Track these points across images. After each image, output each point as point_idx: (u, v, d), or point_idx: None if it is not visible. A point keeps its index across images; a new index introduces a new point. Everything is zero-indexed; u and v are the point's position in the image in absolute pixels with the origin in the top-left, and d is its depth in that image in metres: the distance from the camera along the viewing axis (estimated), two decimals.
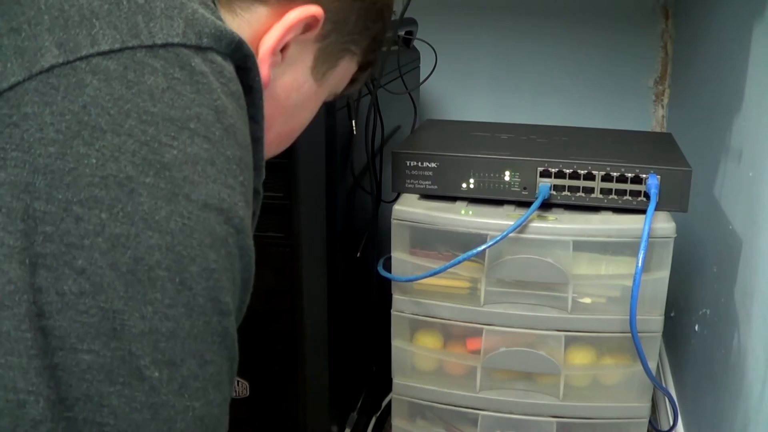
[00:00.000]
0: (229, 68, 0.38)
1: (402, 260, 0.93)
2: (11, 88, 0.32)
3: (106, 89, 0.33)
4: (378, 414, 1.13)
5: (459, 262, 0.88)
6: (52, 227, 0.32)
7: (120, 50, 0.34)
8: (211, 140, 0.36)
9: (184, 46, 0.36)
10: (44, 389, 0.31)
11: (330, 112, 0.89)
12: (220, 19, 0.40)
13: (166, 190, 0.34)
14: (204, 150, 0.35)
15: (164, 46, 0.35)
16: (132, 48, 0.34)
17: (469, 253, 0.87)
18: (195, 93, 0.35)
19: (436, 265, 0.91)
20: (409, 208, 0.93)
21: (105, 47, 0.33)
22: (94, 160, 0.32)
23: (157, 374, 0.33)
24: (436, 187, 0.95)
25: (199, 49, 0.36)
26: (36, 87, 0.32)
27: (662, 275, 0.88)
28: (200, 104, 0.36)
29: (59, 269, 0.32)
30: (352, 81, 0.59)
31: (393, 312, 0.96)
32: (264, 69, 0.46)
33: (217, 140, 0.36)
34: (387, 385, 1.00)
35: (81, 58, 0.33)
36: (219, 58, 0.37)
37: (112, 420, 0.32)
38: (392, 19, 0.62)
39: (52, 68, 0.33)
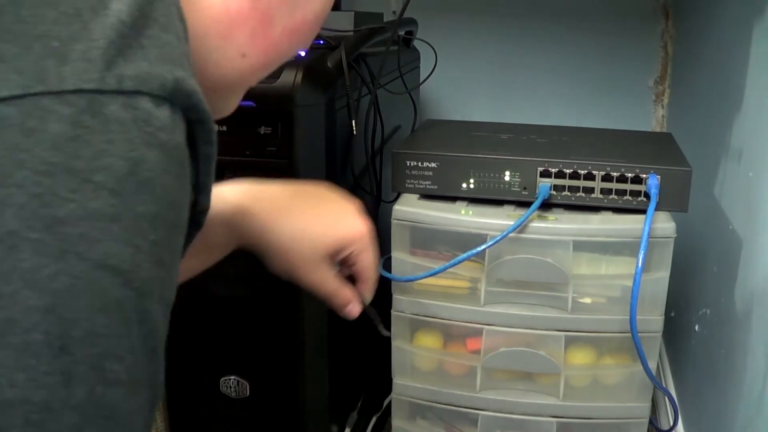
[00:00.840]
0: (160, 114, 0.34)
1: (402, 260, 0.93)
2: None
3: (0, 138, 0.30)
4: (378, 414, 1.13)
5: (459, 262, 0.88)
6: None
7: (22, 96, 0.31)
8: (120, 195, 0.32)
9: (101, 92, 0.32)
10: None
11: (330, 112, 0.89)
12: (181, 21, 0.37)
13: (55, 246, 0.30)
14: (109, 206, 0.32)
15: (76, 92, 0.32)
16: (36, 94, 0.31)
17: (469, 253, 0.87)
18: (106, 143, 0.32)
19: (436, 265, 0.91)
20: (409, 208, 0.93)
21: (5, 93, 0.30)
22: None
23: None
24: (436, 187, 0.95)
25: (119, 93, 0.33)
26: None
27: (662, 275, 0.88)
28: (111, 155, 0.32)
29: None
30: None
31: (393, 312, 0.96)
32: None
33: (128, 195, 0.33)
34: (387, 385, 1.00)
35: None
36: (147, 104, 0.34)
37: None
38: (392, 19, 0.61)
39: None
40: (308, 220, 0.71)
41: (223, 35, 0.44)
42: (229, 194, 0.70)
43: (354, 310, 0.75)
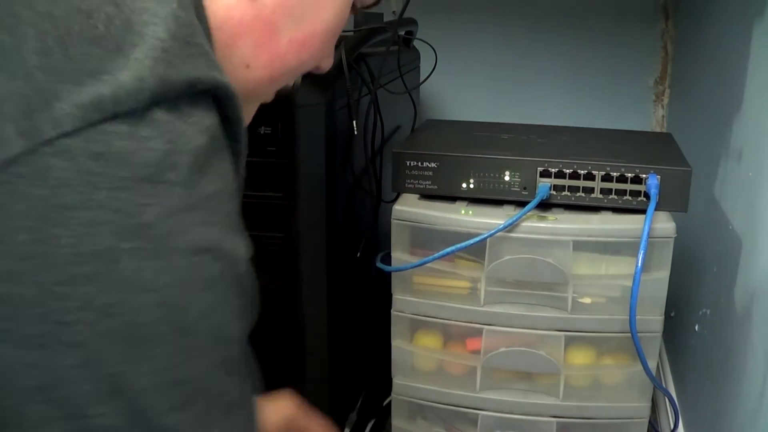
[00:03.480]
0: (196, 112, 0.38)
1: (402, 260, 0.93)
2: None
3: (71, 168, 0.33)
4: (378, 414, 1.13)
5: (453, 252, 0.88)
6: (41, 308, 0.33)
7: (84, 128, 0.33)
8: (189, 185, 0.36)
9: (149, 106, 0.35)
10: None
11: (330, 112, 0.89)
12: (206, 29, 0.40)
13: (149, 249, 0.34)
14: (184, 198, 0.36)
15: (128, 113, 0.35)
16: (96, 122, 0.34)
17: (464, 243, 0.87)
18: (167, 143, 0.35)
19: (436, 265, 0.91)
20: (409, 208, 0.93)
21: (68, 127, 0.33)
22: (68, 239, 0.33)
23: (171, 421, 0.35)
24: (436, 187, 0.95)
25: (164, 101, 0.36)
26: (3, 179, 0.32)
27: (662, 275, 0.88)
28: (174, 153, 0.36)
29: (53, 346, 0.33)
30: None
31: (393, 312, 0.96)
32: None
33: (195, 183, 0.36)
34: (387, 385, 1.00)
35: (44, 143, 0.33)
36: (186, 105, 0.37)
37: None
38: (392, 19, 0.61)
39: (17, 158, 0.33)
40: None
41: (226, 45, 0.45)
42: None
43: None
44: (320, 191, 0.90)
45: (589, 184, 0.90)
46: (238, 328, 0.39)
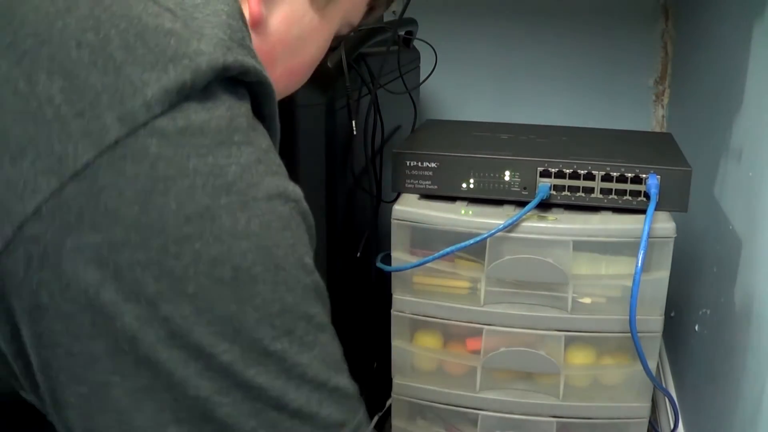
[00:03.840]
0: (240, 89, 0.43)
1: (402, 260, 0.93)
2: (85, 167, 0.37)
3: (165, 144, 0.38)
4: (378, 414, 1.13)
5: (453, 252, 0.88)
6: (157, 268, 0.37)
7: (170, 108, 0.39)
8: (252, 143, 0.42)
9: (213, 82, 0.41)
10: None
11: (330, 112, 0.89)
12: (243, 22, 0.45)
13: (239, 201, 0.39)
14: (251, 153, 0.41)
15: (202, 90, 0.40)
16: (178, 102, 0.39)
17: (464, 243, 0.87)
18: (228, 111, 0.41)
19: (436, 265, 0.91)
20: (409, 208, 0.93)
21: (158, 110, 0.38)
22: (173, 205, 0.38)
23: (280, 346, 0.40)
24: (436, 187, 0.95)
25: (223, 81, 0.42)
26: (107, 161, 0.37)
27: (662, 275, 0.88)
28: (235, 118, 0.41)
29: (175, 300, 0.37)
30: (371, 9, 0.60)
31: (393, 312, 0.96)
32: (254, 4, 0.50)
33: (254, 141, 0.42)
34: (387, 385, 1.00)
35: (140, 126, 0.38)
36: (233, 86, 0.42)
37: (259, 383, 0.39)
38: (392, 19, 0.62)
39: (117, 141, 0.37)
40: None
41: None
42: None
43: None
44: (320, 191, 0.90)
45: (589, 184, 0.90)
46: (310, 256, 0.44)
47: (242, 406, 0.39)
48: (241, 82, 0.43)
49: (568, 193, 0.91)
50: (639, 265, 0.82)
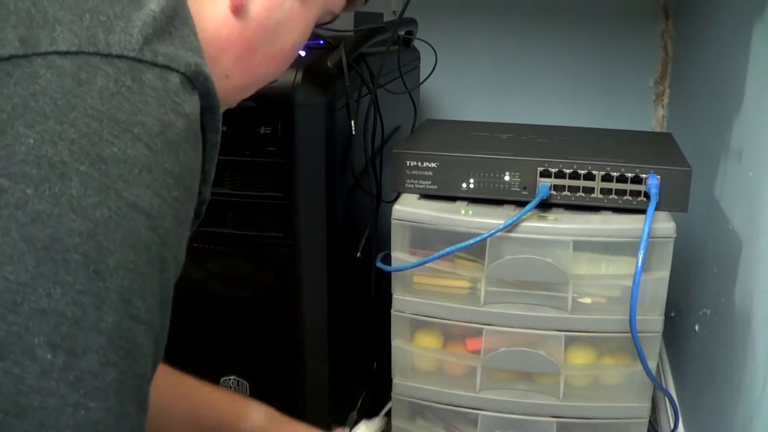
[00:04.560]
0: (185, 90, 0.40)
1: (402, 260, 0.93)
2: None
3: (57, 82, 0.36)
4: (378, 414, 1.13)
5: (453, 252, 0.88)
6: None
7: (76, 53, 0.37)
8: (152, 149, 0.37)
9: (139, 60, 0.38)
10: None
11: (330, 112, 0.89)
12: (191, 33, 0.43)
13: (99, 181, 0.35)
14: (143, 155, 0.37)
15: (119, 56, 0.38)
16: (88, 53, 0.37)
17: (464, 243, 0.87)
18: (143, 103, 0.38)
19: (436, 265, 0.91)
20: (409, 208, 0.93)
21: (63, 48, 0.36)
22: (31, 140, 0.34)
23: (50, 357, 0.33)
24: (436, 187, 0.95)
25: (154, 65, 0.39)
26: None
27: (662, 275, 0.88)
28: (147, 114, 0.38)
29: None
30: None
31: (393, 312, 0.96)
32: None
33: (158, 151, 0.38)
34: (387, 385, 1.00)
35: (39, 54, 0.36)
36: (176, 79, 0.40)
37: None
38: (392, 18, 0.62)
39: (10, 58, 0.36)
40: None
41: (211, 57, 0.48)
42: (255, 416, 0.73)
43: None
44: (320, 191, 0.90)
45: (589, 184, 0.90)
46: (147, 314, 0.37)
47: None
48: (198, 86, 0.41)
49: (568, 193, 0.91)
50: (639, 265, 0.82)
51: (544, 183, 0.91)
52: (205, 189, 0.46)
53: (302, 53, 0.87)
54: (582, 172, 0.90)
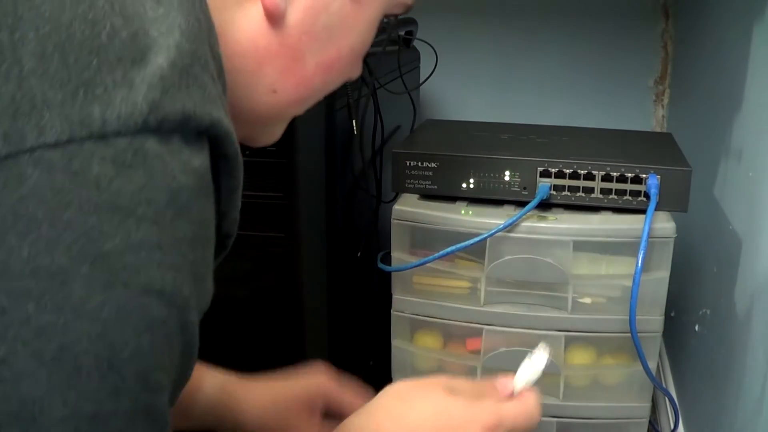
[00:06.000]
0: (188, 148, 0.37)
1: (402, 260, 0.93)
2: None
3: (46, 181, 0.32)
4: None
5: (453, 252, 0.88)
6: None
7: (67, 142, 0.33)
8: (161, 224, 0.35)
9: (141, 132, 0.35)
10: None
11: (330, 112, 0.89)
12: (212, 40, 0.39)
13: (102, 279, 0.33)
14: (151, 235, 0.34)
15: (117, 134, 0.34)
16: (81, 139, 0.33)
17: (464, 243, 0.87)
18: (147, 177, 0.34)
19: (436, 265, 0.91)
20: (409, 208, 0.93)
21: (51, 139, 0.32)
22: (26, 253, 0.32)
23: None
24: (436, 187, 0.95)
25: (158, 131, 0.35)
26: None
27: (662, 275, 0.88)
28: (152, 189, 0.35)
29: None
30: None
31: (393, 312, 0.96)
32: None
33: (167, 223, 0.35)
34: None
35: (25, 151, 0.32)
36: (179, 141, 0.36)
37: None
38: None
39: None
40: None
41: (252, 71, 0.45)
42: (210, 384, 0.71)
43: None
44: (320, 191, 0.90)
45: (589, 184, 0.90)
46: (168, 378, 0.37)
47: None
48: (200, 129, 0.37)
49: (568, 193, 0.91)
50: (639, 265, 0.82)
51: (544, 183, 0.91)
52: (226, 224, 0.43)
53: None
54: (582, 172, 0.90)
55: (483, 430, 0.53)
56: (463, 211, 0.91)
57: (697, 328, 1.04)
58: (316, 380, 0.73)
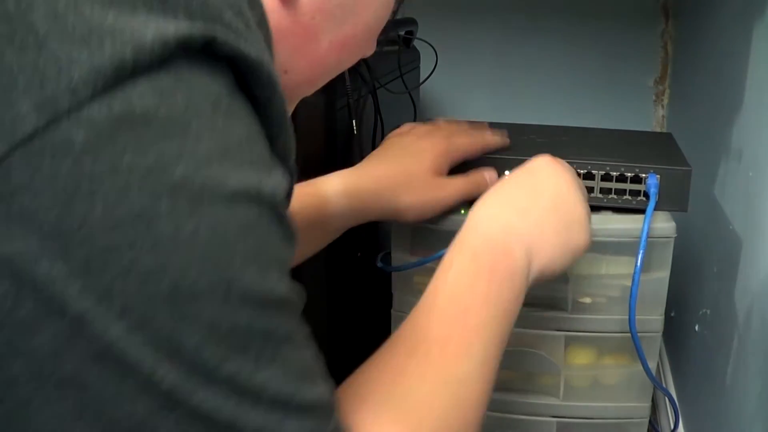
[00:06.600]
0: (218, 64, 0.37)
1: (402, 260, 0.93)
2: None
3: (94, 136, 0.31)
4: None
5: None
6: (80, 282, 0.31)
7: (103, 91, 0.32)
8: (217, 129, 0.35)
9: (172, 59, 0.34)
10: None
11: (330, 112, 0.89)
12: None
13: (186, 204, 0.33)
14: (213, 142, 0.34)
15: (149, 67, 0.33)
16: (115, 85, 0.32)
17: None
18: (188, 95, 0.34)
19: (436, 265, 0.91)
20: None
21: (87, 94, 0.31)
22: (99, 210, 0.31)
23: (230, 368, 0.35)
24: None
25: (185, 54, 0.35)
26: (20, 156, 0.31)
27: (662, 275, 0.88)
28: (196, 102, 0.34)
29: (102, 317, 0.32)
30: None
31: (393, 312, 0.96)
32: None
33: (222, 128, 0.35)
34: None
35: (63, 114, 0.31)
36: (206, 62, 0.36)
37: (207, 409, 0.34)
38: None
39: (34, 133, 0.31)
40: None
41: None
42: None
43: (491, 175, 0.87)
44: None
45: (588, 183, 0.90)
46: (281, 266, 0.38)
47: (188, 429, 0.34)
48: (221, 56, 0.36)
49: None
50: (638, 264, 0.82)
51: None
52: (277, 148, 0.41)
53: None
54: (581, 171, 0.90)
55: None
56: (463, 211, 0.91)
57: (697, 328, 1.04)
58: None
